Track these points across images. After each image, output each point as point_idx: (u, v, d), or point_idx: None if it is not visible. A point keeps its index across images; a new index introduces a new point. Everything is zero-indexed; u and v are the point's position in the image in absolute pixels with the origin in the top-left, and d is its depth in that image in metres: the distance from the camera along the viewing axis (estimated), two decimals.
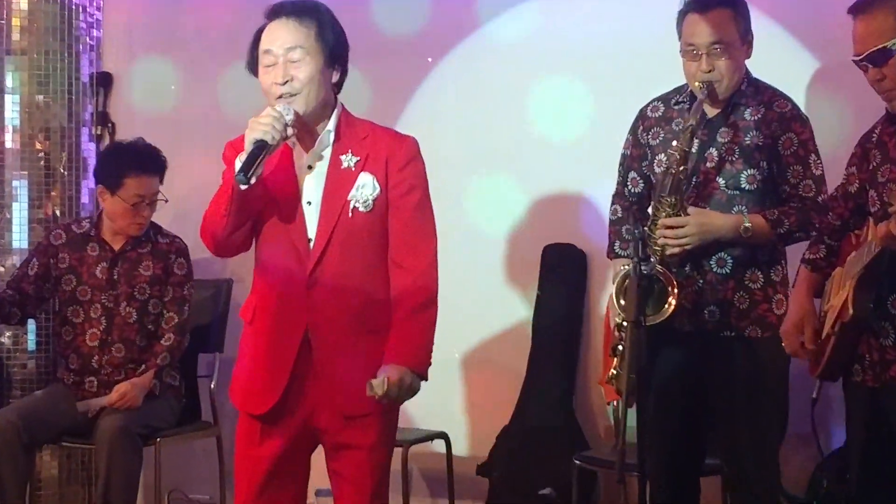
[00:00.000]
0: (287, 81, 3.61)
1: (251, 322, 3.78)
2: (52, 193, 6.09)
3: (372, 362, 3.64)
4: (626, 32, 5.55)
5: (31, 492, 5.58)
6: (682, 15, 4.33)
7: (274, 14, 3.69)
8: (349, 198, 3.67)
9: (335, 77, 3.72)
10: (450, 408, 5.88)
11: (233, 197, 3.58)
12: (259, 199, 3.64)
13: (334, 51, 3.69)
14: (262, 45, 3.67)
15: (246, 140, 3.53)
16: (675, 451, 4.44)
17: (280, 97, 3.62)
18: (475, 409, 5.87)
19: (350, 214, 3.67)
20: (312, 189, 3.70)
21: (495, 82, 5.83)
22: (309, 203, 3.70)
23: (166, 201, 5.50)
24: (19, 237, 6.06)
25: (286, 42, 3.63)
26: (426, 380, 3.69)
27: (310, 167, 3.71)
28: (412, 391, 3.65)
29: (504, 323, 5.85)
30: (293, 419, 3.71)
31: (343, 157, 3.70)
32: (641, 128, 4.53)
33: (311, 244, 3.67)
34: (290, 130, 3.58)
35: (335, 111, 3.74)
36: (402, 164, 3.73)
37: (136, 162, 5.48)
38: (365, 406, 3.62)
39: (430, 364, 3.70)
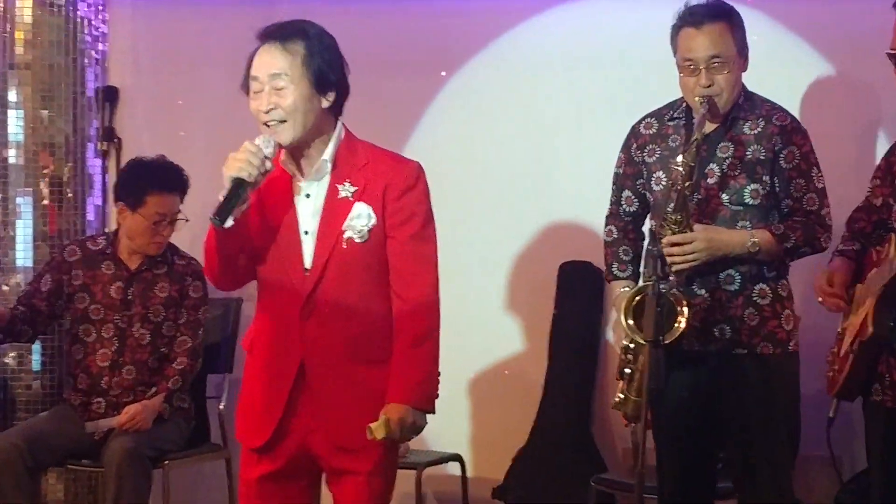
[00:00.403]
0: (271, 109, 3.60)
1: (250, 352, 3.82)
2: (58, 210, 6.12)
3: (367, 393, 3.68)
4: (642, 48, 5.56)
5: None
6: (677, 30, 4.36)
7: (263, 37, 3.66)
8: (343, 228, 3.67)
9: (326, 102, 3.67)
10: (465, 429, 5.92)
11: (215, 237, 3.62)
12: (243, 237, 3.65)
13: (323, 76, 3.64)
14: (251, 71, 3.65)
15: (224, 178, 3.53)
16: (688, 474, 4.45)
17: (266, 124, 3.61)
18: (491, 431, 5.89)
19: (344, 245, 3.67)
20: (309, 218, 3.71)
21: (509, 97, 5.88)
22: (306, 233, 3.70)
23: (187, 220, 5.52)
24: (24, 255, 6.08)
25: (270, 68, 3.61)
26: (433, 412, 3.69)
27: (307, 196, 3.71)
28: (415, 429, 3.66)
29: (520, 342, 5.89)
30: (287, 444, 3.74)
31: (340, 187, 3.69)
32: (635, 145, 4.54)
33: (307, 274, 3.69)
34: (268, 164, 3.57)
35: (334, 137, 3.72)
36: (399, 192, 3.70)
37: (158, 180, 5.49)
38: (360, 439, 3.63)
39: (435, 396, 3.69)
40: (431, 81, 6.03)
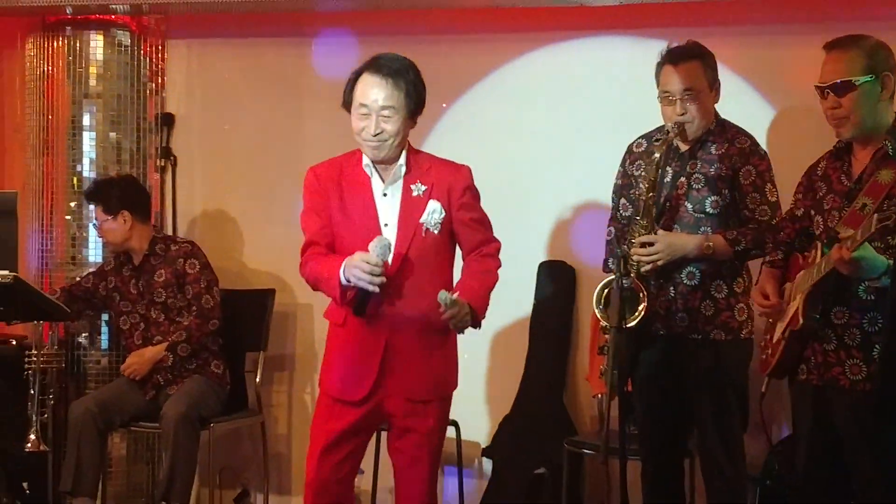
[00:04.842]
0: (379, 133, 3.74)
1: (344, 325, 3.88)
2: None
3: (432, 355, 3.86)
4: (610, 84, 5.57)
5: (103, 470, 5.60)
6: (660, 66, 4.38)
7: (374, 70, 3.78)
8: (421, 221, 3.81)
9: (413, 125, 3.85)
10: (460, 399, 5.83)
11: (340, 303, 3.80)
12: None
13: (416, 106, 3.81)
14: (359, 98, 3.77)
15: (351, 279, 3.67)
16: (661, 440, 4.48)
17: (365, 141, 3.76)
18: (481, 401, 5.86)
19: (423, 235, 3.81)
20: (388, 213, 3.83)
21: (499, 123, 5.82)
22: (386, 225, 3.82)
23: (94, 226, 5.67)
24: (94, 252, 6.08)
25: (381, 100, 3.74)
26: (477, 327, 3.84)
27: (384, 194, 3.82)
28: (465, 323, 3.78)
29: (507, 328, 5.83)
30: (368, 403, 3.85)
31: (413, 187, 3.83)
32: (628, 161, 4.57)
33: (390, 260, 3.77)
34: (384, 269, 3.67)
35: (405, 148, 3.86)
36: (462, 190, 3.90)
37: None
38: (427, 393, 3.84)
39: (483, 316, 3.85)
40: (433, 111, 5.93)
